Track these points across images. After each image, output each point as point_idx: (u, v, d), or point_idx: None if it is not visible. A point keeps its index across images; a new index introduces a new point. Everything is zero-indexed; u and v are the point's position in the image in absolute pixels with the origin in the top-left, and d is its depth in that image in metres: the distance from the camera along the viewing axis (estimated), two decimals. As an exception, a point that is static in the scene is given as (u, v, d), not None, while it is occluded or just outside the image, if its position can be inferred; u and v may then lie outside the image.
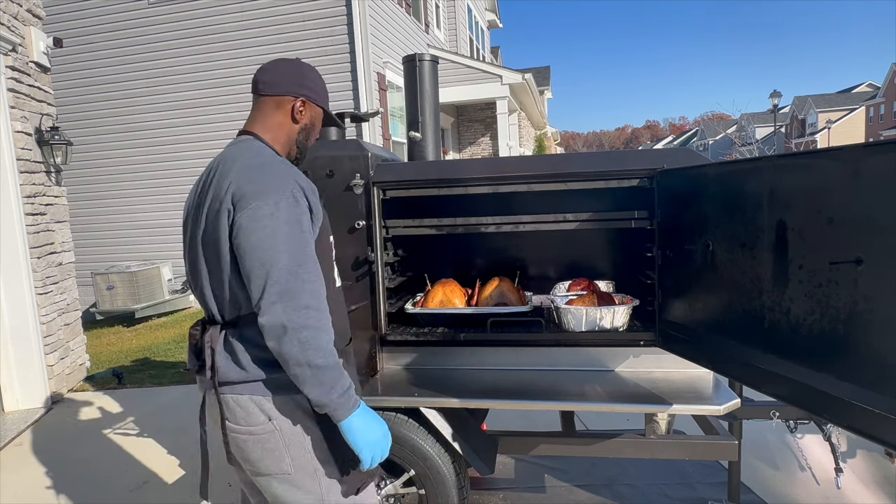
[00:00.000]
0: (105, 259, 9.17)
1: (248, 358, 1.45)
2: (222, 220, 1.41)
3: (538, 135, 20.86)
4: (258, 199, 1.38)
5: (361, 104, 8.40)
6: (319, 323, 1.39)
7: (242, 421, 1.48)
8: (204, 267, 1.49)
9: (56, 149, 5.00)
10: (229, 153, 1.52)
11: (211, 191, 1.46)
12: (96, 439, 4.05)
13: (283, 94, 1.60)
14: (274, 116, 1.61)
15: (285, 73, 1.61)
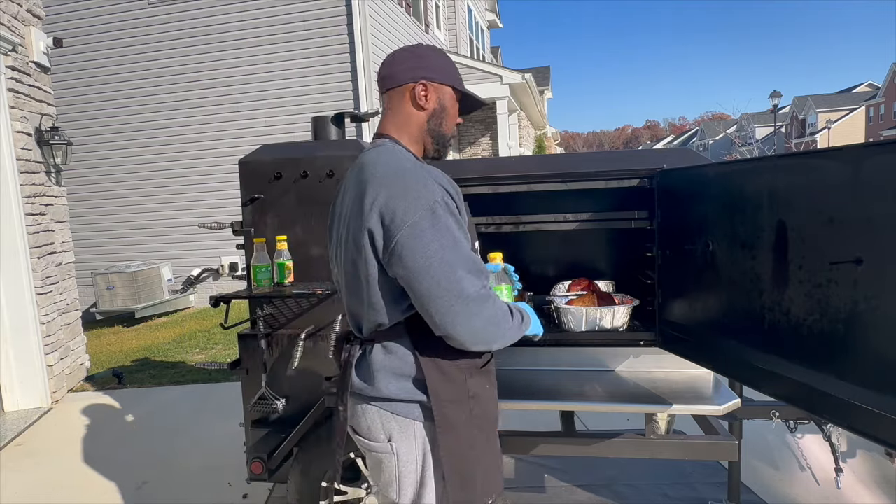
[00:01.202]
0: (105, 259, 9.17)
1: (379, 376, 1.42)
2: (364, 237, 1.34)
3: (538, 135, 20.86)
4: (410, 214, 1.29)
5: (361, 104, 8.40)
6: (495, 317, 1.36)
7: (365, 432, 1.48)
8: (343, 280, 1.47)
9: (56, 149, 5.00)
10: (367, 159, 1.44)
11: (350, 203, 1.42)
12: (96, 439, 4.05)
13: (402, 83, 1.48)
14: (400, 110, 1.50)
15: (399, 62, 1.51)
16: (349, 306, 1.49)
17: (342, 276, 1.48)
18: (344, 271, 1.46)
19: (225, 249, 8.44)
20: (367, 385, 1.44)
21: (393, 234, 1.29)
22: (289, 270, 2.47)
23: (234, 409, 3.50)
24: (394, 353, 1.42)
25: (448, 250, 1.29)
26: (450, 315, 1.29)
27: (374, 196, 1.32)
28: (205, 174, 8.99)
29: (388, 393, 1.42)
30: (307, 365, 2.56)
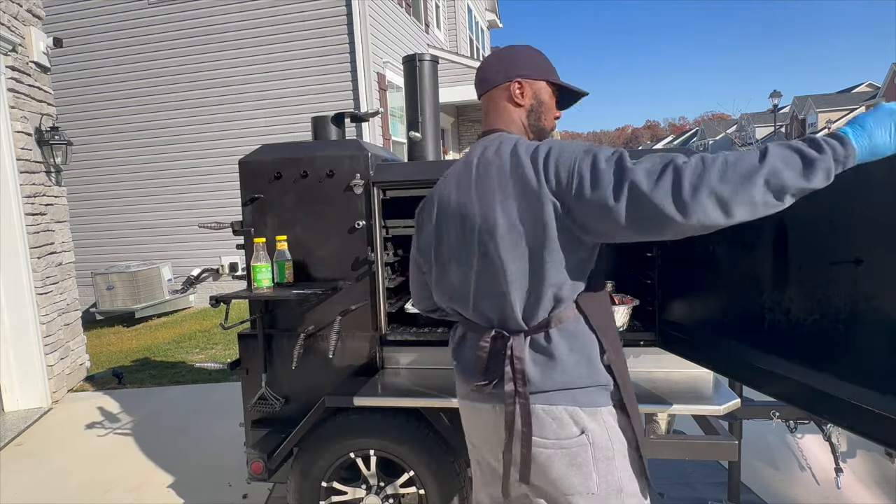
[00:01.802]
0: (105, 259, 9.17)
1: (564, 365, 1.35)
2: (545, 209, 1.28)
3: (538, 135, 20.82)
4: (576, 152, 1.28)
5: (361, 104, 8.40)
6: (736, 167, 1.12)
7: (552, 434, 1.36)
8: (501, 275, 1.36)
9: (56, 149, 5.00)
10: (492, 148, 1.43)
11: (497, 191, 1.36)
12: (96, 439, 4.05)
13: (497, 83, 1.51)
14: (503, 109, 1.52)
15: (492, 64, 1.54)
16: (512, 297, 1.37)
17: (496, 271, 1.37)
18: (504, 262, 1.35)
19: (225, 249, 8.45)
20: (548, 379, 1.36)
21: (572, 174, 1.26)
22: (289, 270, 2.47)
23: (234, 409, 3.51)
24: (576, 337, 1.37)
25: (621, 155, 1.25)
26: (678, 193, 1.12)
27: (541, 165, 1.30)
28: (205, 174, 8.99)
29: (578, 381, 1.36)
30: (307, 365, 2.56)
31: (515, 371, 1.37)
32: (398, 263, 2.89)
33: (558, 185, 1.28)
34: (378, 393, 2.32)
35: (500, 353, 1.40)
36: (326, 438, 2.36)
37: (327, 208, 2.53)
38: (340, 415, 2.36)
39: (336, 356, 2.45)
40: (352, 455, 2.36)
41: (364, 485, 2.41)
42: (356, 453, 2.36)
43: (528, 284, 1.35)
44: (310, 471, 2.39)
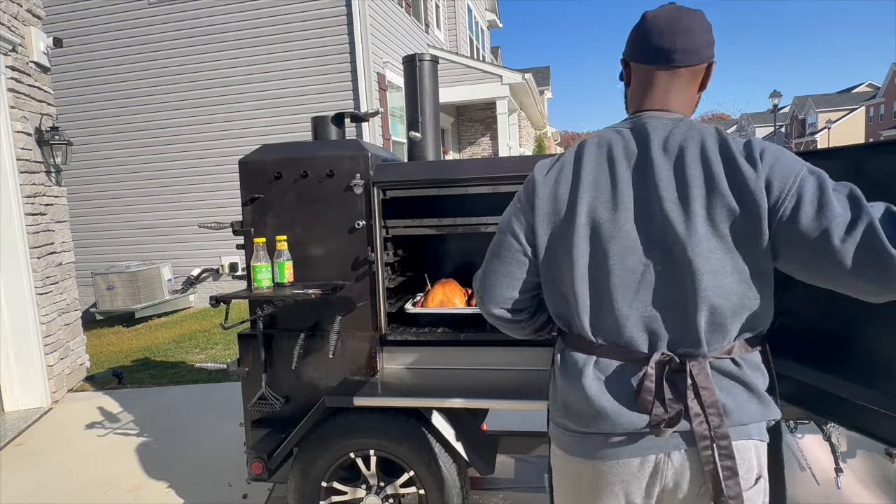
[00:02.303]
0: (105, 259, 9.17)
1: (755, 396, 1.16)
2: (761, 218, 1.09)
3: (538, 135, 20.85)
4: (806, 172, 1.09)
5: (361, 104, 8.40)
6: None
7: (744, 471, 1.14)
8: (690, 285, 1.11)
9: (56, 149, 4.99)
10: (681, 133, 1.18)
11: (699, 186, 1.12)
12: (96, 439, 4.05)
13: (703, 61, 1.24)
14: (688, 90, 1.26)
15: (705, 33, 1.24)
16: (671, 314, 1.14)
17: (651, 278, 1.14)
18: (667, 268, 1.13)
19: (225, 249, 8.45)
20: (745, 406, 1.15)
21: (789, 189, 1.08)
22: (289, 270, 2.47)
23: (234, 409, 3.50)
24: (759, 365, 1.19)
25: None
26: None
27: (759, 161, 1.11)
28: (205, 174, 8.99)
29: (764, 415, 1.17)
30: (307, 365, 2.56)
31: (706, 404, 1.11)
32: (398, 263, 2.89)
33: (769, 196, 1.09)
34: (378, 393, 2.32)
35: (674, 382, 1.14)
36: (326, 438, 2.36)
37: (327, 208, 2.53)
38: (340, 415, 2.36)
39: (336, 356, 2.45)
40: (352, 455, 2.36)
41: (364, 485, 2.41)
42: (356, 453, 2.35)
43: (722, 301, 1.11)
44: (310, 471, 2.39)
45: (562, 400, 1.25)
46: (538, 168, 1.27)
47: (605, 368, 1.18)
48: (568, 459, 1.24)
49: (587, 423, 1.19)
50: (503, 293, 1.29)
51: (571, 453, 1.23)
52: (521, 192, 1.28)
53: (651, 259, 1.14)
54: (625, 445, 1.16)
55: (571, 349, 1.23)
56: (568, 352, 1.24)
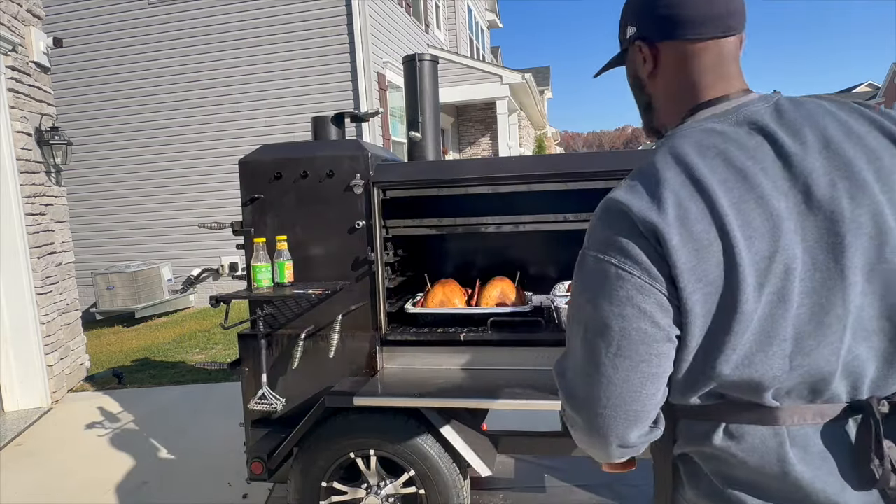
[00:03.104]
0: (105, 259, 9.17)
1: None
2: None
3: (538, 135, 20.86)
4: None
5: (361, 104, 8.40)
6: None
7: None
8: (876, 309, 0.84)
9: (56, 149, 5.00)
10: (838, 119, 0.92)
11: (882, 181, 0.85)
12: (96, 439, 4.05)
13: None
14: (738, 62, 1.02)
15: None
16: (878, 342, 0.85)
17: (856, 300, 0.83)
18: (873, 284, 0.84)
19: (225, 249, 8.44)
20: None
21: None
22: (289, 270, 2.47)
23: (234, 409, 3.50)
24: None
25: None
26: None
27: None
28: (205, 174, 8.99)
29: None
30: (307, 365, 2.56)
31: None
32: (398, 263, 2.89)
33: None
34: (378, 393, 2.32)
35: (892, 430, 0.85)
36: (326, 438, 2.36)
37: (327, 208, 2.53)
38: (340, 415, 2.36)
39: (336, 356, 2.45)
40: (352, 455, 2.36)
41: (364, 485, 2.41)
42: (356, 453, 2.36)
43: None
44: (310, 471, 2.39)
45: (737, 486, 0.91)
46: (636, 205, 0.85)
47: (804, 441, 0.87)
48: None
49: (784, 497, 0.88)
50: (647, 407, 0.88)
51: None
52: (618, 248, 0.86)
53: (848, 281, 0.83)
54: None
55: (738, 422, 0.89)
56: (735, 428, 0.89)
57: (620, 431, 0.88)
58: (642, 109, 1.09)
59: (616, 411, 0.87)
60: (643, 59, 1.01)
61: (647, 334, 0.84)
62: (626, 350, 0.85)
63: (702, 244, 0.82)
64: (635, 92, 1.09)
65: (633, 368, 0.85)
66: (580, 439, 0.96)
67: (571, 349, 0.93)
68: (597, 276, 0.89)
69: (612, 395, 0.86)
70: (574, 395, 0.91)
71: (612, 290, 0.86)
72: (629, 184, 0.90)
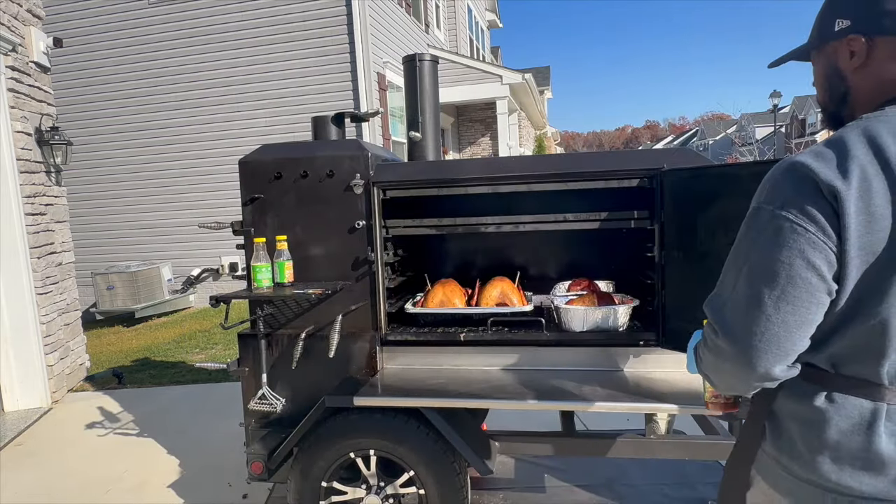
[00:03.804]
0: (105, 259, 9.17)
1: None
2: None
3: (538, 135, 20.86)
4: None
5: (361, 104, 8.40)
6: None
7: None
8: None
9: (56, 149, 5.00)
10: None
11: None
12: (96, 439, 4.05)
13: None
14: None
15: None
16: None
17: None
18: None
19: (225, 249, 8.44)
20: None
21: None
22: (289, 270, 2.47)
23: (234, 409, 3.49)
24: None
25: None
26: None
27: None
28: (205, 174, 8.99)
29: None
30: (307, 365, 2.56)
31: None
32: (398, 263, 2.89)
33: None
34: (378, 393, 2.32)
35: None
36: (326, 438, 2.36)
37: (327, 208, 2.53)
38: (340, 415, 2.36)
39: (336, 356, 2.45)
40: (352, 455, 2.36)
41: (364, 485, 2.41)
42: (356, 453, 2.36)
43: None
44: (310, 471, 2.39)
45: (820, 450, 1.02)
46: (823, 172, 0.94)
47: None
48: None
49: (868, 484, 0.99)
50: (796, 347, 0.99)
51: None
52: (800, 205, 0.96)
53: None
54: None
55: (844, 392, 1.01)
56: (838, 395, 1.01)
57: (768, 363, 0.98)
58: (836, 101, 1.12)
59: (769, 345, 0.98)
60: (852, 52, 1.05)
61: (811, 284, 0.95)
62: (790, 295, 0.96)
63: (875, 217, 0.92)
64: (831, 83, 1.12)
65: (792, 312, 0.96)
66: (723, 367, 1.07)
67: (731, 287, 1.04)
68: (771, 228, 0.98)
69: (769, 331, 0.97)
70: (731, 328, 1.02)
71: (785, 242, 0.96)
72: (817, 150, 0.97)
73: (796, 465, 1.05)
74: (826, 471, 1.01)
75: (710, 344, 1.08)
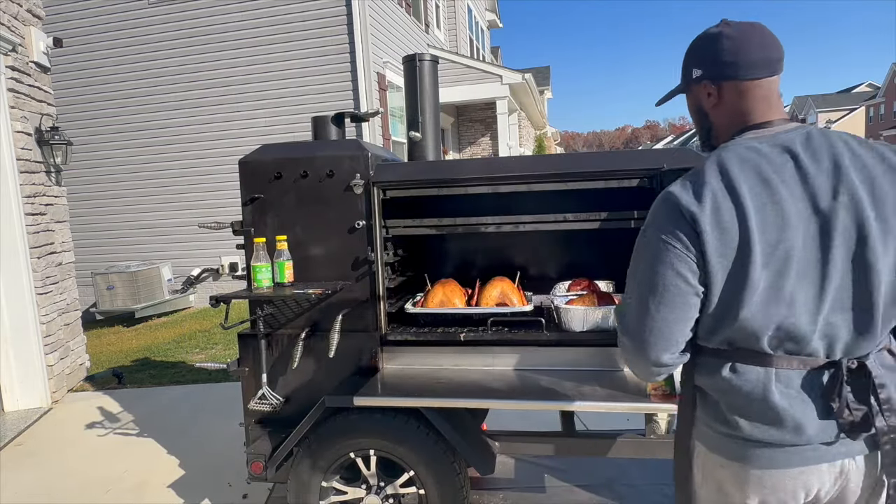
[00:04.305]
0: (105, 259, 9.17)
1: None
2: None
3: (538, 135, 20.86)
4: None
5: (361, 104, 8.40)
6: None
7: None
8: (872, 285, 1.16)
9: (56, 149, 5.00)
10: (823, 143, 1.20)
11: (871, 193, 1.17)
12: (96, 439, 4.05)
13: None
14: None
15: None
16: (848, 316, 1.18)
17: (834, 283, 1.16)
18: (846, 271, 1.17)
19: (225, 249, 8.45)
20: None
21: None
22: (289, 270, 2.47)
23: (234, 409, 3.49)
24: None
25: None
26: None
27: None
28: (205, 174, 8.99)
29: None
30: (307, 365, 2.56)
31: (882, 401, 1.18)
32: (398, 263, 2.89)
33: None
34: (378, 393, 2.32)
35: (855, 384, 1.19)
36: (326, 438, 2.36)
37: (327, 208, 2.54)
38: (340, 415, 2.36)
39: (336, 356, 2.45)
40: (352, 455, 2.36)
41: (364, 485, 2.41)
42: (356, 453, 2.36)
43: (890, 297, 1.18)
44: (310, 471, 2.39)
45: (734, 411, 1.24)
46: (684, 199, 1.20)
47: (787, 381, 1.21)
48: (739, 467, 1.26)
49: (773, 435, 1.21)
50: (678, 339, 1.25)
51: (745, 461, 1.25)
52: (668, 228, 1.21)
53: (834, 264, 1.16)
54: (814, 454, 1.21)
55: (741, 362, 1.24)
56: (739, 366, 1.24)
57: (658, 352, 1.25)
58: (704, 132, 1.40)
59: (657, 339, 1.24)
60: (708, 94, 1.32)
61: (680, 289, 1.21)
62: (666, 299, 1.22)
63: (726, 230, 1.16)
64: (699, 118, 1.39)
65: (670, 311, 1.22)
66: (629, 359, 1.34)
67: (629, 296, 1.30)
68: (651, 246, 1.24)
69: (655, 328, 1.24)
70: (628, 328, 1.29)
71: (660, 257, 1.22)
72: (684, 182, 1.24)
73: (721, 425, 1.28)
74: (742, 426, 1.23)
75: (619, 343, 1.35)
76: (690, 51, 1.35)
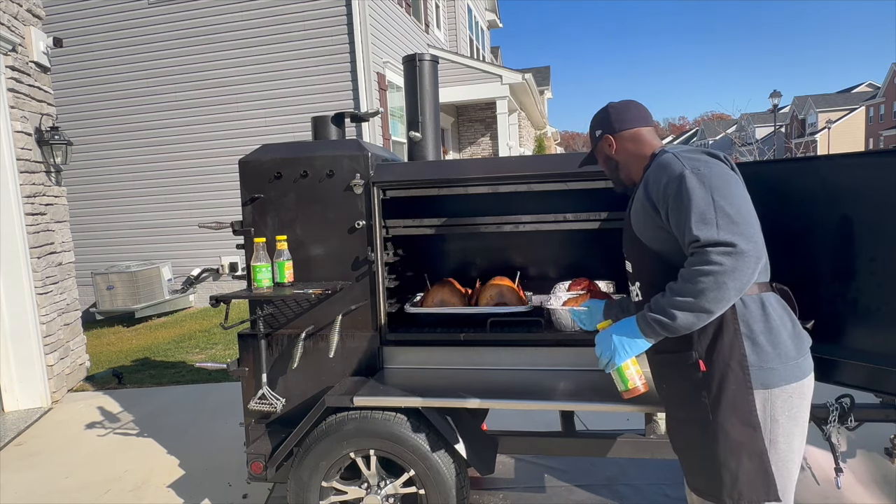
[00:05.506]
0: (105, 259, 9.16)
1: None
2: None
3: (538, 135, 20.85)
4: None
5: (361, 104, 8.40)
6: None
7: None
8: None
9: (56, 149, 5.00)
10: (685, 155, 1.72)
11: None
12: (96, 439, 4.05)
13: None
14: None
15: None
16: None
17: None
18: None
19: (225, 249, 8.45)
20: None
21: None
22: (289, 270, 2.47)
23: (234, 409, 3.51)
24: None
25: None
26: None
27: None
28: (205, 174, 8.99)
29: None
30: (307, 365, 2.56)
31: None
32: (398, 263, 2.89)
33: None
34: (378, 393, 2.32)
35: None
36: (327, 438, 2.36)
37: (327, 208, 2.54)
38: (340, 414, 2.36)
39: (336, 356, 2.45)
40: (352, 455, 2.36)
41: (364, 484, 2.41)
42: (356, 453, 2.36)
43: None
44: (310, 471, 2.39)
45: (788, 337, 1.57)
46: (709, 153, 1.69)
47: (780, 302, 1.63)
48: (809, 380, 1.59)
49: (804, 349, 1.61)
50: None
51: (809, 371, 1.59)
52: (723, 166, 1.63)
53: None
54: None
55: (766, 292, 1.61)
56: (769, 296, 1.60)
57: (755, 235, 1.48)
58: (614, 174, 1.89)
59: (750, 222, 1.50)
60: (609, 144, 1.84)
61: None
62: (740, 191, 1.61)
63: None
64: (609, 165, 1.89)
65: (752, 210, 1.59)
66: (742, 275, 1.43)
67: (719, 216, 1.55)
68: (725, 175, 1.59)
69: (745, 213, 1.52)
70: (743, 233, 1.48)
71: (736, 182, 1.61)
72: (690, 153, 1.69)
73: (782, 357, 1.55)
74: (806, 344, 1.62)
75: (727, 264, 1.41)
76: (592, 124, 1.90)
